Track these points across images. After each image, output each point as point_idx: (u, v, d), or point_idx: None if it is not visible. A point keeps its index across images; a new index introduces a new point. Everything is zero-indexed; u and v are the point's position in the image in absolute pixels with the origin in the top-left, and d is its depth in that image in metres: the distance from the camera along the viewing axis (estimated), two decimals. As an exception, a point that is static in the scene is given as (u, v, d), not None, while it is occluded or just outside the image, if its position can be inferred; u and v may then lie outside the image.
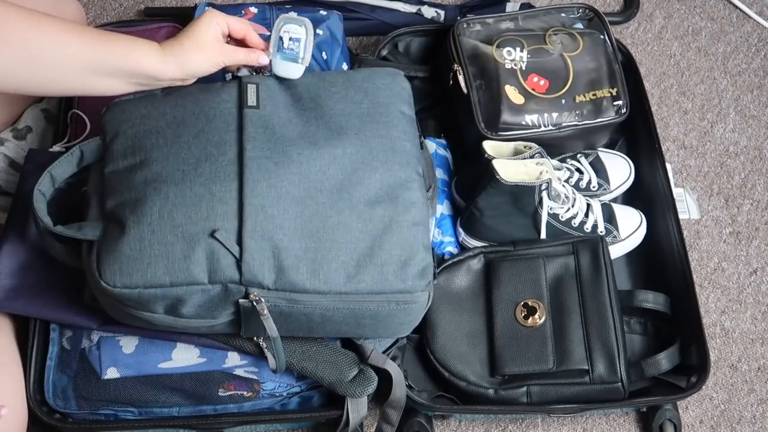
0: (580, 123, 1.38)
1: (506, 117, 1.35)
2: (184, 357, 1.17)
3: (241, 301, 1.05)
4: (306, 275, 1.03)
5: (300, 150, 1.07)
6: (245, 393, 1.18)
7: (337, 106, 1.12)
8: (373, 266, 1.05)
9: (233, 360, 1.18)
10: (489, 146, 1.32)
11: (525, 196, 1.29)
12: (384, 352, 1.20)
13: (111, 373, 1.17)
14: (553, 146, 1.38)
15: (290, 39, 1.14)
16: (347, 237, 1.05)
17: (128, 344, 1.18)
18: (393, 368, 1.17)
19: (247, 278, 1.03)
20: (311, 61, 1.32)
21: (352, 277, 1.04)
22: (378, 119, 1.12)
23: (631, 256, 1.40)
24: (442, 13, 1.58)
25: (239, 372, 1.18)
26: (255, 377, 1.18)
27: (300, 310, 1.06)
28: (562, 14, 1.48)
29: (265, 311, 1.05)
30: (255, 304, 1.04)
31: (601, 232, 1.34)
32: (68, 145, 1.30)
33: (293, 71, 1.14)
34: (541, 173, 1.30)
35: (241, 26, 1.12)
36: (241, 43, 1.14)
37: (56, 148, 1.30)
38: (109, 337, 1.18)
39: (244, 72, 1.19)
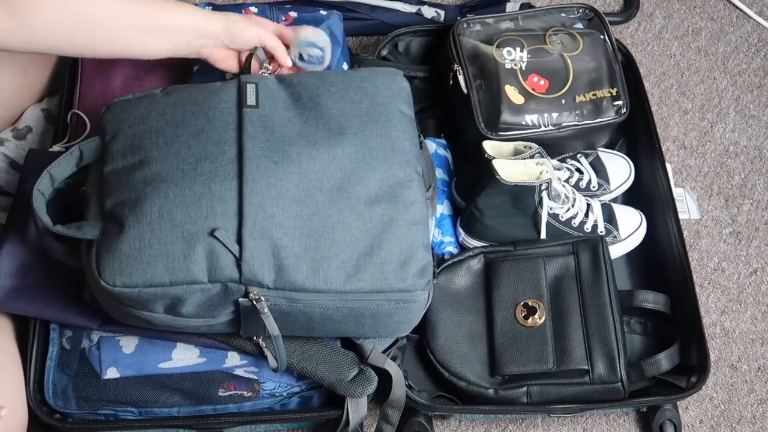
0: (580, 123, 1.38)
1: (506, 117, 1.35)
2: (184, 357, 1.17)
3: (240, 300, 1.05)
4: (306, 274, 1.03)
5: (299, 149, 1.07)
6: (245, 393, 1.18)
7: (337, 105, 1.12)
8: (373, 265, 1.05)
9: (233, 360, 1.18)
10: (489, 146, 1.32)
11: (525, 196, 1.29)
12: (384, 352, 1.20)
13: (111, 373, 1.17)
14: (553, 146, 1.38)
15: (309, 55, 1.24)
16: (347, 236, 1.05)
17: (128, 344, 1.18)
18: (393, 368, 1.17)
19: (246, 277, 1.03)
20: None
21: (352, 276, 1.04)
22: (377, 119, 1.12)
23: (631, 256, 1.40)
24: (442, 13, 1.58)
25: (239, 372, 1.18)
26: (255, 377, 1.18)
27: (300, 309, 1.06)
28: (562, 14, 1.48)
29: (266, 310, 1.05)
30: (255, 303, 1.04)
31: (601, 232, 1.34)
32: (68, 145, 1.30)
33: None
34: (541, 173, 1.30)
35: (273, 44, 1.21)
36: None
37: (56, 148, 1.30)
38: (109, 337, 1.18)
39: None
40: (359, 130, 1.11)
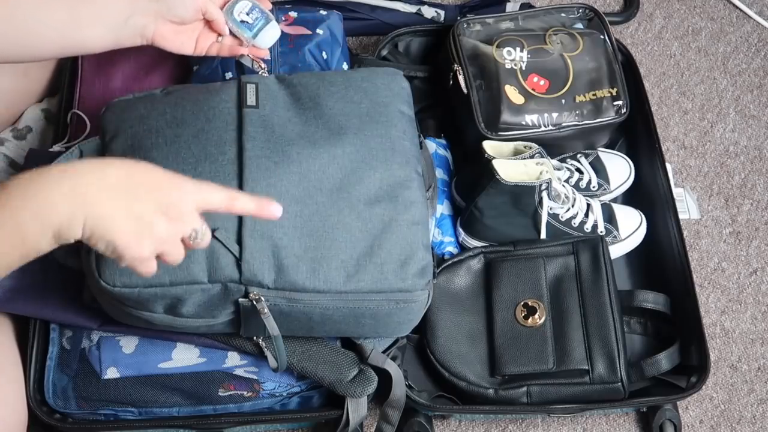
0: (580, 123, 1.38)
1: (506, 117, 1.35)
2: (184, 357, 1.17)
3: (240, 300, 1.05)
4: (306, 274, 1.04)
5: (299, 149, 1.07)
6: (245, 393, 1.18)
7: (337, 105, 1.12)
8: (373, 265, 1.05)
9: (233, 360, 1.18)
10: (489, 146, 1.32)
11: (525, 196, 1.29)
12: (384, 352, 1.20)
13: (111, 373, 1.16)
14: (553, 146, 1.38)
15: (247, 14, 1.17)
16: (347, 236, 1.05)
17: (128, 344, 1.18)
18: (393, 368, 1.17)
19: (246, 277, 1.03)
20: (311, 61, 1.32)
21: (352, 276, 1.04)
22: (377, 119, 1.13)
23: (631, 256, 1.40)
24: (442, 13, 1.58)
25: (239, 372, 1.18)
26: (255, 377, 1.18)
27: (300, 309, 1.06)
28: (562, 14, 1.48)
29: (266, 310, 1.05)
30: (255, 303, 1.04)
31: (601, 232, 1.34)
32: (68, 145, 1.30)
33: (273, 32, 1.18)
34: (541, 173, 1.30)
35: (213, 13, 1.15)
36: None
37: (56, 148, 1.30)
38: (109, 337, 1.18)
39: (246, 60, 1.20)
40: (359, 130, 1.11)
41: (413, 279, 1.06)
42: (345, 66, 1.38)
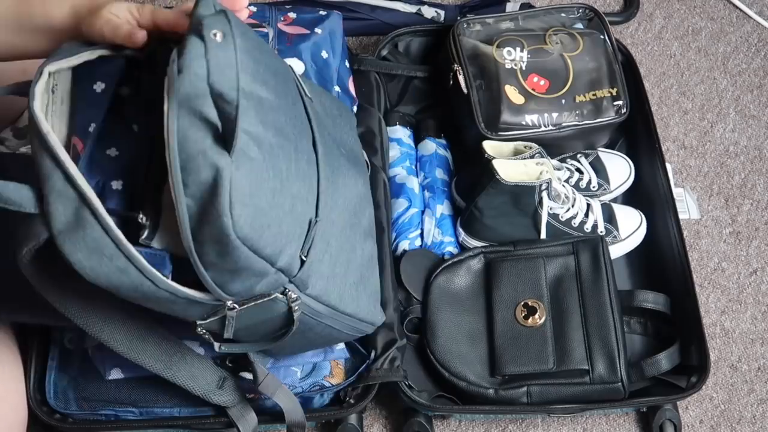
0: (580, 123, 1.38)
1: (506, 117, 1.35)
2: (185, 357, 1.17)
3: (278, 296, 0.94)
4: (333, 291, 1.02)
5: (340, 159, 1.05)
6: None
7: (346, 137, 1.15)
8: (364, 293, 1.08)
9: (234, 360, 1.18)
10: (489, 146, 1.32)
11: (525, 196, 1.29)
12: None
13: (115, 373, 1.16)
14: (553, 146, 1.38)
15: None
16: (355, 261, 1.06)
17: (130, 345, 1.18)
18: (284, 398, 1.10)
19: (301, 278, 0.93)
20: (312, 64, 1.32)
21: (354, 299, 1.05)
22: (360, 159, 1.16)
23: (631, 256, 1.40)
24: (442, 13, 1.59)
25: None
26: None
27: (306, 320, 1.00)
28: (562, 14, 1.48)
29: (298, 313, 0.96)
30: (291, 303, 0.94)
31: (601, 232, 1.35)
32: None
33: None
34: (541, 173, 1.31)
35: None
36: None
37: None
38: (110, 338, 1.18)
39: None
40: (361, 165, 1.14)
41: (381, 313, 1.12)
42: (346, 64, 1.38)
